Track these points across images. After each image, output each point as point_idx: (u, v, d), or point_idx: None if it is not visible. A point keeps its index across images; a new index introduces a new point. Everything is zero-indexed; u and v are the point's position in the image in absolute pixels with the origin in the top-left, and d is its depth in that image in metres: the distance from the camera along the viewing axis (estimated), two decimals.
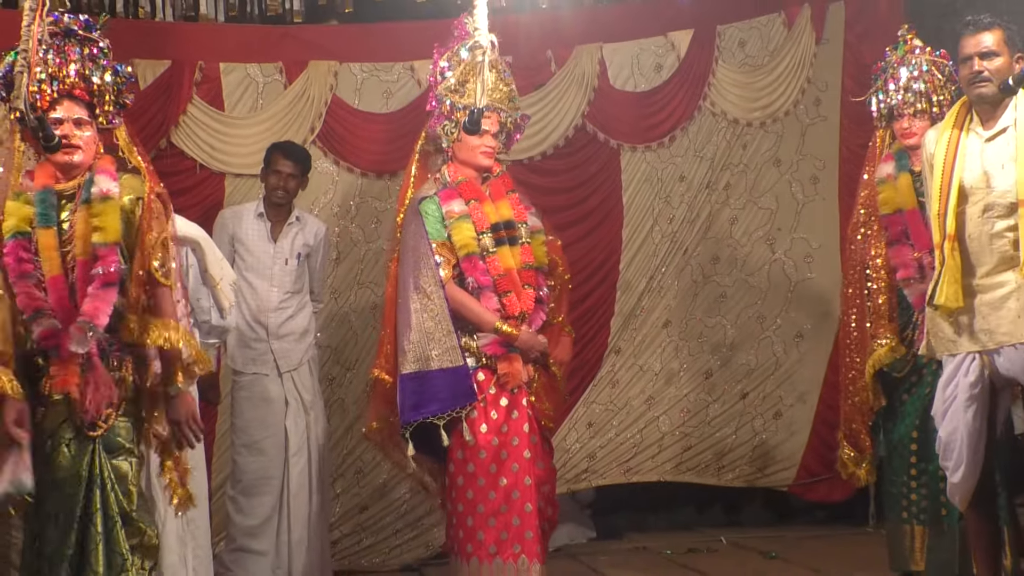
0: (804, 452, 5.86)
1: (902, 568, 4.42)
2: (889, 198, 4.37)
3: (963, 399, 3.72)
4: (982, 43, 3.65)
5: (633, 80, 5.74)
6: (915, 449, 4.34)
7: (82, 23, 3.26)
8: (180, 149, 5.21)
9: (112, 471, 3.18)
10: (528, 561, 3.81)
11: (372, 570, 5.33)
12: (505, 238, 3.99)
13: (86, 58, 3.25)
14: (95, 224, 3.17)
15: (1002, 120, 3.66)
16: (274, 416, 4.74)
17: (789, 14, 5.81)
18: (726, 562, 5.25)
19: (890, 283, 4.35)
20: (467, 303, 3.91)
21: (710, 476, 5.85)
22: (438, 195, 3.98)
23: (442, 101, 4.02)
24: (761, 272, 5.90)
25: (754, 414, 5.87)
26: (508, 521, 3.83)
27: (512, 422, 3.89)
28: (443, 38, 4.14)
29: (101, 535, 3.13)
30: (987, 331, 3.63)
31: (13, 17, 3.64)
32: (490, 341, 3.90)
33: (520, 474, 3.84)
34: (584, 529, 5.82)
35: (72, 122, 3.21)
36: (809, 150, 5.91)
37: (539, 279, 4.06)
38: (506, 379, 3.89)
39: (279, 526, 4.72)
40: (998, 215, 3.62)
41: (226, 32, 5.39)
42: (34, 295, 3.15)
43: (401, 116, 5.38)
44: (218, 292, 4.12)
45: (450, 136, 4.01)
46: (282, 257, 4.81)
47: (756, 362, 5.88)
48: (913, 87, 4.34)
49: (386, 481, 5.36)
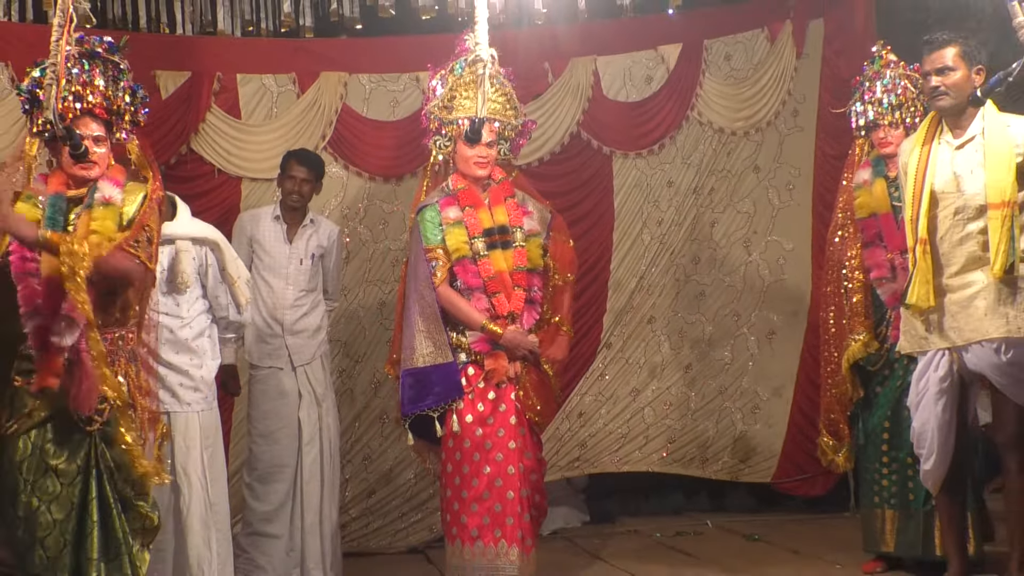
0: (784, 443, 5.98)
1: (874, 549, 4.61)
2: (864, 203, 4.54)
3: (933, 392, 3.94)
4: (938, 60, 3.84)
5: (625, 91, 5.88)
6: (887, 438, 4.51)
7: (106, 45, 3.40)
8: (199, 155, 5.34)
9: (112, 461, 3.25)
10: (507, 545, 3.96)
11: (380, 551, 5.45)
12: (498, 242, 4.13)
13: (108, 79, 3.37)
14: (93, 227, 3.26)
15: (970, 129, 3.85)
16: (288, 408, 4.82)
17: (772, 30, 5.95)
18: (712, 544, 5.38)
19: (865, 283, 4.52)
20: (457, 303, 4.08)
21: (695, 468, 5.99)
22: (439, 202, 4.15)
23: (431, 118, 4.20)
24: (737, 272, 6.04)
25: (732, 408, 6.01)
26: (491, 507, 3.98)
27: (499, 414, 4.05)
28: (446, 52, 4.29)
29: (97, 522, 3.20)
30: (956, 329, 3.82)
31: (43, 32, 3.73)
32: (478, 339, 4.07)
33: (504, 463, 3.99)
34: (578, 513, 5.95)
35: (91, 139, 3.34)
36: (786, 159, 6.04)
37: (531, 281, 4.18)
38: (491, 374, 4.05)
39: (292, 511, 4.81)
40: (968, 218, 3.82)
41: (242, 45, 5.50)
42: (35, 292, 3.24)
43: (407, 124, 5.48)
44: (235, 290, 4.29)
45: (442, 150, 4.19)
46: (297, 257, 4.90)
47: (732, 357, 6.02)
48: (888, 100, 4.49)
49: (392, 467, 5.51)
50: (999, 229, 3.72)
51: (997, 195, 3.75)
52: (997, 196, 3.75)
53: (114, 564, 3.21)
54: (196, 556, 4.11)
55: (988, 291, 3.78)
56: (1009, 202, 3.73)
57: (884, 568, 4.60)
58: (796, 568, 4.80)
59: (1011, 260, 3.72)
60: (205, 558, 4.12)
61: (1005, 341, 3.76)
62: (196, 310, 4.21)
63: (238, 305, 4.37)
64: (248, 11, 5.46)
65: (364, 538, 5.51)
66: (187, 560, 4.10)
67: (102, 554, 3.19)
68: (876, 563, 4.63)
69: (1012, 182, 3.75)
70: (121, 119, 3.41)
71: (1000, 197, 3.74)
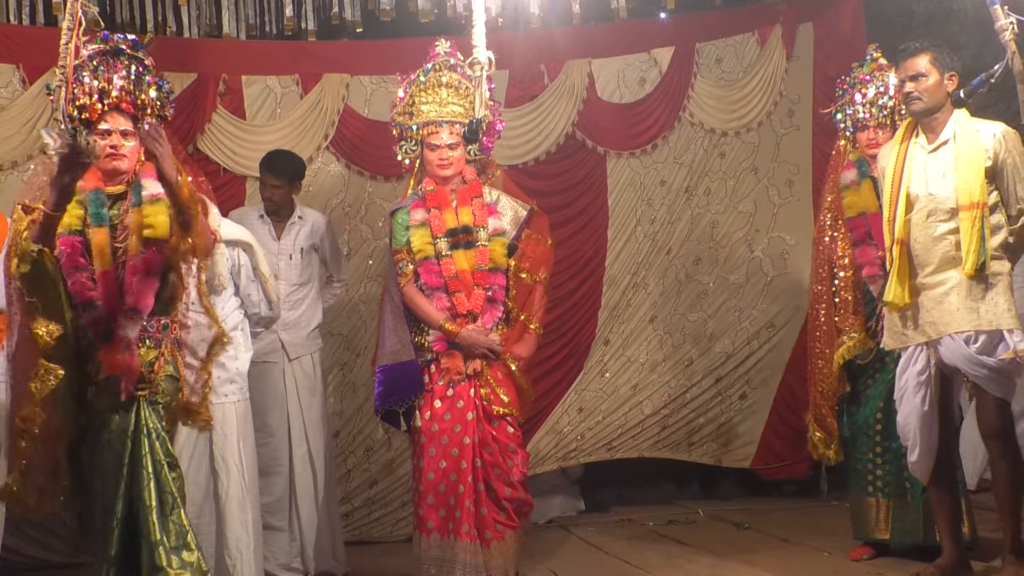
0: (764, 430, 6.05)
1: (866, 537, 4.68)
2: (853, 202, 4.61)
3: (912, 386, 4.07)
4: (911, 67, 3.98)
5: (619, 93, 5.96)
6: (879, 429, 4.59)
7: (130, 43, 3.46)
8: (205, 154, 5.42)
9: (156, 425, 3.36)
10: (456, 538, 4.02)
11: (381, 540, 5.53)
12: (461, 242, 4.17)
13: (132, 75, 3.43)
14: (147, 223, 3.36)
15: (943, 134, 3.98)
16: (280, 401, 4.90)
17: (762, 34, 6.02)
18: (703, 532, 5.43)
19: (856, 280, 4.59)
20: (419, 303, 4.15)
21: (683, 452, 6.06)
22: (410, 205, 4.23)
23: (395, 126, 4.30)
24: (740, 270, 6.09)
25: (723, 396, 6.08)
26: (446, 500, 4.05)
27: (456, 411, 4.10)
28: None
29: (152, 475, 3.30)
30: (931, 324, 3.97)
31: (53, 35, 3.76)
32: (437, 338, 4.14)
33: (458, 458, 4.05)
34: (574, 502, 6.00)
35: (119, 133, 3.41)
36: (784, 157, 6.10)
37: (493, 279, 4.20)
38: (446, 373, 4.12)
39: (290, 504, 4.89)
40: (940, 219, 3.95)
41: (247, 48, 5.58)
42: (87, 286, 3.33)
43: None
44: (268, 287, 4.43)
45: (409, 155, 4.28)
46: (286, 253, 4.96)
47: (732, 349, 6.08)
48: (880, 102, 4.57)
49: (393, 458, 5.59)
50: (969, 230, 3.86)
51: (967, 197, 3.89)
52: (967, 198, 3.89)
53: (170, 518, 3.31)
54: (235, 539, 4.26)
55: (960, 288, 3.92)
56: (978, 203, 3.86)
57: (872, 554, 4.68)
58: (785, 555, 4.86)
59: (982, 259, 3.86)
60: (244, 541, 4.27)
61: (974, 333, 3.90)
62: (230, 307, 4.35)
63: (270, 302, 4.50)
64: (252, 15, 5.53)
65: (366, 527, 5.59)
66: (226, 542, 4.25)
67: (159, 504, 3.29)
68: (863, 549, 4.70)
69: (981, 184, 3.88)
70: (147, 114, 3.46)
71: (970, 199, 3.88)
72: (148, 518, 3.27)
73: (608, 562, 4.97)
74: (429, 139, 4.23)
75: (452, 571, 4.04)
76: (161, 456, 3.35)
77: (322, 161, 5.66)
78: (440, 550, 4.06)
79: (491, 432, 4.13)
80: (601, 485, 6.20)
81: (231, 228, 4.44)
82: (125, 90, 3.42)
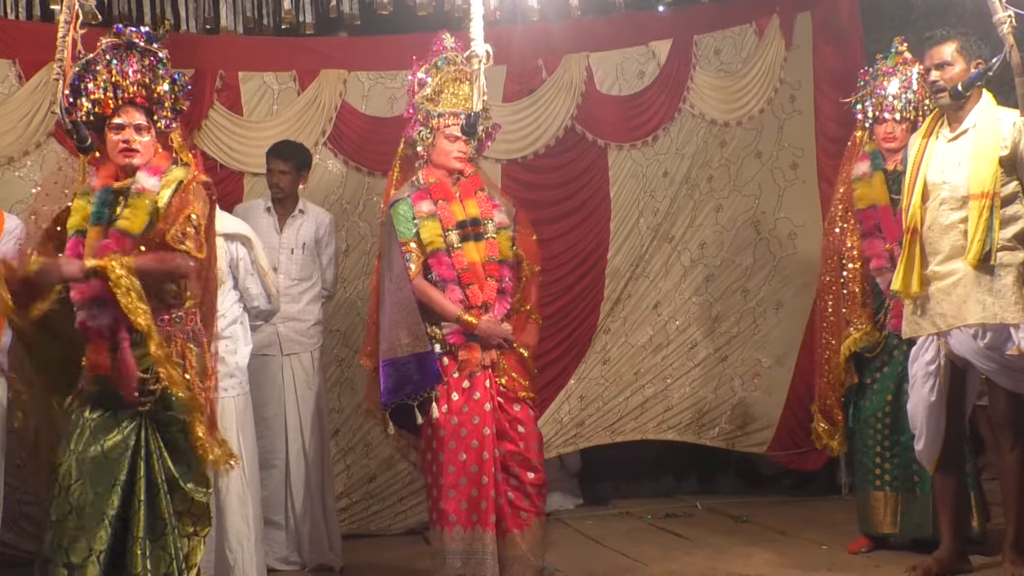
0: (782, 412, 5.98)
1: (872, 530, 4.68)
2: (864, 194, 4.63)
3: (921, 376, 4.09)
4: (937, 55, 3.96)
5: (618, 85, 5.95)
6: (888, 423, 4.60)
7: (143, 36, 3.42)
8: (202, 150, 5.33)
9: (163, 441, 3.29)
10: (482, 530, 4.02)
11: (380, 533, 5.56)
12: (471, 234, 4.18)
13: (146, 68, 3.40)
14: (124, 214, 3.31)
15: (965, 123, 3.97)
16: (278, 395, 4.92)
17: (760, 24, 6.01)
18: (701, 526, 5.47)
19: (864, 272, 4.61)
20: (432, 295, 4.13)
21: (691, 434, 6.00)
22: (410, 197, 4.21)
23: (419, 109, 4.27)
24: (747, 251, 6.07)
25: (733, 375, 6.02)
26: (468, 493, 4.04)
27: (473, 403, 4.11)
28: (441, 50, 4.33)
29: (143, 501, 3.22)
30: (941, 315, 3.97)
31: (49, 30, 3.86)
32: (453, 330, 4.13)
33: (479, 450, 4.05)
34: (572, 496, 6.05)
35: (133, 127, 3.37)
36: (788, 141, 6.08)
37: (503, 271, 4.23)
38: (465, 365, 4.12)
39: (286, 497, 4.93)
40: (951, 208, 3.95)
41: (244, 44, 5.56)
42: (83, 290, 3.27)
43: (405, 120, 5.26)
44: (267, 281, 4.44)
45: (425, 141, 4.25)
46: (288, 247, 4.98)
47: (738, 330, 6.05)
48: (905, 96, 4.56)
49: (392, 454, 5.44)
50: (976, 219, 3.85)
51: (978, 186, 3.87)
52: (978, 187, 3.87)
53: (159, 543, 3.24)
54: (235, 533, 4.30)
55: (968, 279, 3.91)
56: (989, 193, 3.84)
57: (870, 547, 4.70)
58: (782, 548, 4.90)
59: (987, 249, 3.84)
60: (244, 534, 4.31)
61: (982, 327, 3.89)
62: (229, 300, 4.37)
63: (270, 295, 4.51)
64: (250, 8, 5.47)
65: (364, 520, 5.61)
66: (227, 536, 4.29)
67: (147, 533, 3.22)
68: (862, 541, 4.72)
69: (994, 173, 3.85)
70: (162, 107, 3.44)
71: (981, 188, 3.86)
72: (132, 549, 3.21)
73: (606, 555, 4.99)
74: (448, 130, 4.23)
75: (482, 563, 4.03)
76: (160, 479, 3.27)
77: (320, 157, 5.63)
78: (465, 543, 4.05)
79: (513, 417, 4.15)
80: (599, 479, 6.22)
81: (229, 221, 4.44)
82: (139, 83, 3.39)
